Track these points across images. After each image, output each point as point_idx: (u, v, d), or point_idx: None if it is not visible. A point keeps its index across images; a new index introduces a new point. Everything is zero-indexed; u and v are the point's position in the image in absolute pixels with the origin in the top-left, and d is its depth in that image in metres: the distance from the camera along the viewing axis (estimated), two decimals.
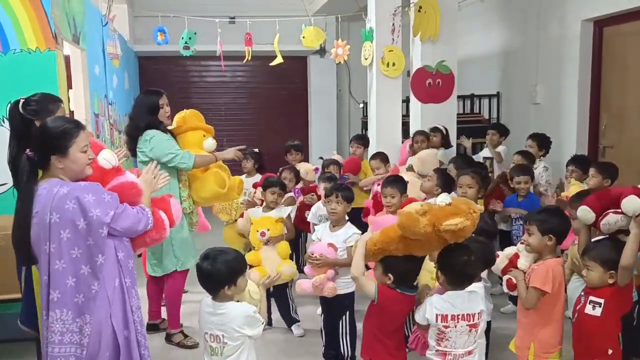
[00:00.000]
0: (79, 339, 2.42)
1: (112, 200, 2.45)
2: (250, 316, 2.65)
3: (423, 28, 6.32)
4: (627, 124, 6.07)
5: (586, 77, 6.46)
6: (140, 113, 4.17)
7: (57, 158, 2.46)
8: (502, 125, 6.67)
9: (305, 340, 4.39)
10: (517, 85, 7.71)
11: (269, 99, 10.33)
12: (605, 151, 6.37)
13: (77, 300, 2.42)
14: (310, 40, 6.94)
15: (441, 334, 2.68)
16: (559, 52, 6.74)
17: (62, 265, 2.39)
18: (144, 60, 9.64)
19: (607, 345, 2.81)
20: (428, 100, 6.50)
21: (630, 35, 5.94)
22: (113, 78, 6.84)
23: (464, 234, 2.61)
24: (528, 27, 7.36)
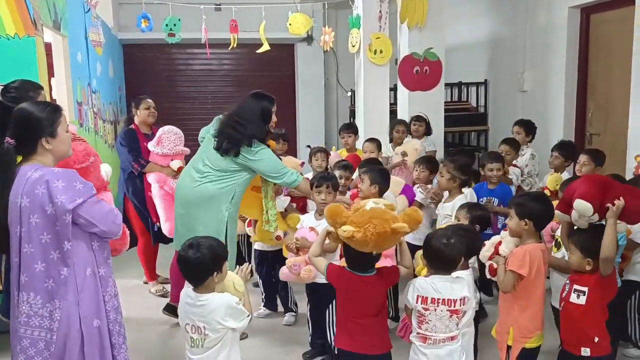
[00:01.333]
0: (49, 323, 2.44)
1: (84, 188, 2.43)
2: (233, 307, 2.62)
3: (410, 15, 6.29)
4: (613, 111, 6.08)
5: (573, 64, 6.47)
6: (253, 118, 3.85)
7: (46, 140, 2.47)
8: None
9: (294, 329, 4.40)
10: (504, 73, 7.71)
11: (255, 87, 9.86)
12: (591, 139, 6.39)
13: (46, 285, 2.43)
14: (296, 27, 6.88)
15: (421, 317, 2.71)
16: (546, 40, 6.73)
17: (30, 249, 2.41)
18: (128, 47, 9.50)
19: (593, 333, 2.82)
20: (415, 88, 6.48)
21: (616, 22, 5.94)
22: (97, 66, 6.74)
23: (357, 244, 2.66)
24: (515, 14, 7.35)
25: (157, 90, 9.21)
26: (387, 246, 2.79)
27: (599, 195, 2.79)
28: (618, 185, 2.90)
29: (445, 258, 2.72)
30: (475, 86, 8.32)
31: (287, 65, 10.30)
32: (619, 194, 2.80)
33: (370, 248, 2.68)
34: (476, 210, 3.55)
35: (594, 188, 2.83)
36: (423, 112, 6.13)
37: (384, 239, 2.66)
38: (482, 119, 8.13)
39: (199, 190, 3.86)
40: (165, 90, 9.71)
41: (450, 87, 8.40)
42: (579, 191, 2.85)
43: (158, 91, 9.21)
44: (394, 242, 2.78)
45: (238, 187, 3.91)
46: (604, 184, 2.85)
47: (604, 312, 2.87)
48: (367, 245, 2.65)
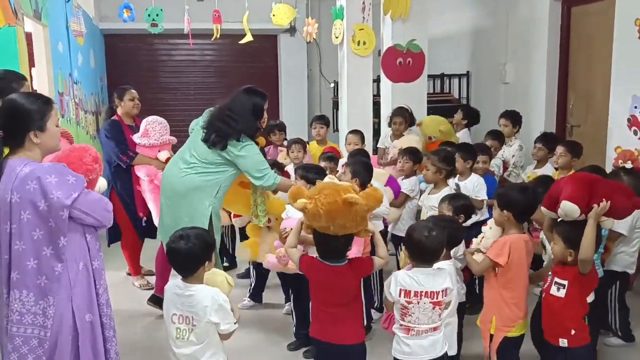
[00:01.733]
0: (42, 320, 2.39)
1: (76, 182, 2.38)
2: (220, 304, 2.59)
3: (394, 6, 6.28)
4: (593, 103, 6.15)
5: (554, 56, 6.53)
6: (246, 114, 3.85)
7: (34, 134, 2.41)
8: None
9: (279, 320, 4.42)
10: (486, 65, 7.76)
11: (238, 78, 10.15)
12: (572, 130, 6.46)
13: (39, 282, 2.38)
14: (280, 18, 6.85)
15: (404, 309, 2.71)
16: (528, 32, 6.79)
17: (22, 246, 2.36)
18: (110, 38, 9.42)
19: (570, 326, 2.87)
20: (399, 80, 6.48)
21: (597, 14, 6.00)
22: (78, 56, 6.67)
23: (311, 217, 2.68)
24: (497, 6, 7.40)
25: (139, 80, 9.12)
26: (341, 220, 2.67)
27: (586, 196, 2.79)
28: (605, 183, 2.90)
29: (426, 250, 2.72)
30: (457, 78, 8.37)
31: (270, 56, 10.29)
32: (605, 193, 2.80)
33: (323, 220, 2.65)
34: (458, 201, 3.57)
35: (581, 189, 2.83)
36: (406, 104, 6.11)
37: (335, 210, 2.63)
38: None
39: (185, 180, 3.85)
40: (147, 81, 9.64)
41: (432, 78, 8.43)
42: (565, 192, 2.86)
43: (140, 82, 9.12)
44: (351, 215, 2.68)
45: (223, 182, 3.91)
46: (591, 184, 2.85)
47: (583, 305, 2.91)
48: (320, 217, 2.63)
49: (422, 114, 6.55)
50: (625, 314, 3.83)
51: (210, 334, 2.62)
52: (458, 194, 3.94)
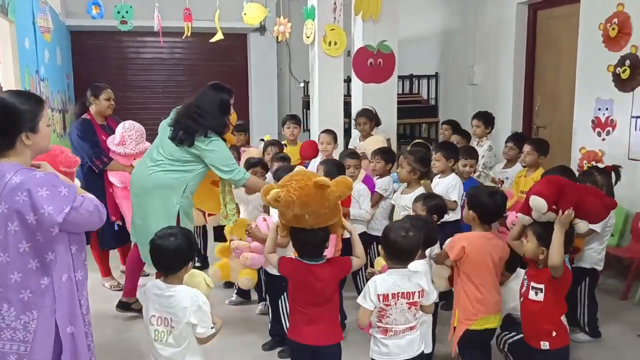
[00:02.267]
0: (23, 335, 2.29)
1: (69, 193, 2.27)
2: (199, 306, 2.56)
3: (365, 7, 6.34)
4: (558, 104, 6.31)
5: (521, 58, 6.68)
6: (213, 110, 3.88)
7: (26, 135, 2.29)
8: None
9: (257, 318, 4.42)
10: (455, 66, 7.87)
11: (208, 77, 9.91)
12: (538, 131, 6.61)
13: (22, 296, 2.27)
14: (251, 17, 6.82)
15: (382, 312, 2.72)
16: (496, 34, 6.92)
17: (6, 258, 2.25)
18: (76, 34, 9.25)
19: (551, 328, 2.92)
20: (369, 80, 6.54)
21: (562, 18, 6.16)
22: (44, 53, 6.54)
23: (284, 205, 2.67)
24: (466, 8, 7.51)
25: (106, 78, 8.88)
26: (314, 205, 2.69)
27: (555, 194, 2.84)
28: (575, 187, 2.95)
29: (403, 250, 2.74)
30: (426, 79, 8.47)
31: (240, 55, 10.24)
32: (576, 196, 2.85)
33: (298, 208, 2.65)
34: (432, 200, 3.62)
35: (551, 188, 2.89)
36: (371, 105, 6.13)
37: (308, 195, 2.65)
38: (433, 111, 8.28)
39: (152, 177, 3.84)
40: (115, 79, 9.44)
41: (401, 79, 8.51)
42: (535, 188, 2.95)
43: (108, 80, 8.85)
44: (322, 200, 2.71)
45: (191, 180, 3.91)
46: (562, 186, 2.90)
47: (562, 305, 2.96)
48: (294, 204, 2.64)
49: (393, 115, 6.63)
50: (594, 310, 3.93)
51: (189, 337, 2.58)
52: (432, 193, 3.97)
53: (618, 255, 4.90)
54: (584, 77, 5.58)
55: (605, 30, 5.27)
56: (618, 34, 5.14)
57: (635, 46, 5.01)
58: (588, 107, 5.54)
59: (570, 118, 5.85)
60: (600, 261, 3.91)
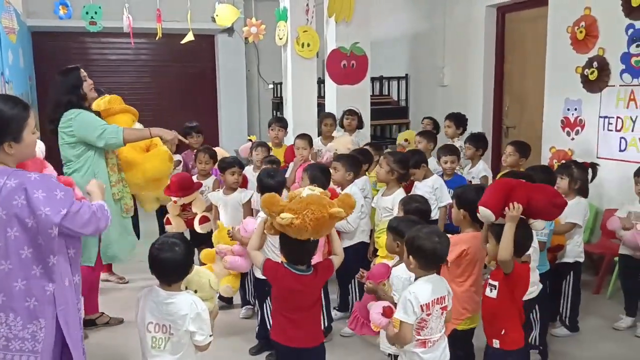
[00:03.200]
0: (32, 345, 2.24)
1: (65, 196, 2.23)
2: (198, 313, 2.51)
3: (337, 9, 6.37)
4: (527, 105, 6.47)
5: (490, 60, 6.81)
6: (63, 92, 3.94)
7: (8, 145, 2.23)
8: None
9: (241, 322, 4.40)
10: (424, 68, 7.97)
11: (175, 79, 10.00)
12: (508, 131, 6.76)
13: (28, 305, 2.22)
14: (223, 18, 6.78)
15: (422, 322, 2.61)
16: (465, 36, 7.04)
17: (8, 266, 2.19)
18: (38, 35, 9.02)
19: (501, 326, 2.91)
20: (343, 82, 6.58)
21: (530, 21, 6.31)
22: (9, 55, 6.35)
23: (296, 231, 2.63)
24: (435, 11, 7.62)
25: None
26: (324, 232, 2.75)
27: (501, 200, 2.84)
28: (524, 187, 2.93)
29: (439, 256, 2.65)
30: (396, 80, 8.56)
31: (208, 57, 10.16)
32: (523, 196, 2.85)
33: (308, 234, 2.66)
34: (411, 204, 3.55)
35: (496, 194, 2.88)
36: (355, 106, 6.20)
37: (322, 224, 2.65)
38: (403, 113, 8.38)
39: None
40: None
41: (372, 81, 8.56)
42: (482, 198, 2.94)
43: None
44: (331, 227, 2.77)
45: (95, 167, 3.97)
46: (508, 188, 2.89)
47: (515, 306, 2.91)
48: (306, 231, 2.63)
49: (367, 116, 6.66)
50: (576, 303, 4.04)
51: (187, 344, 2.54)
52: (412, 196, 3.96)
53: (589, 251, 5.03)
54: (553, 78, 5.74)
55: (573, 33, 5.43)
56: (585, 37, 5.31)
57: (602, 48, 5.17)
58: (557, 108, 5.69)
59: (538, 118, 6.00)
60: (581, 253, 4.03)
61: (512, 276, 2.83)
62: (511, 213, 2.79)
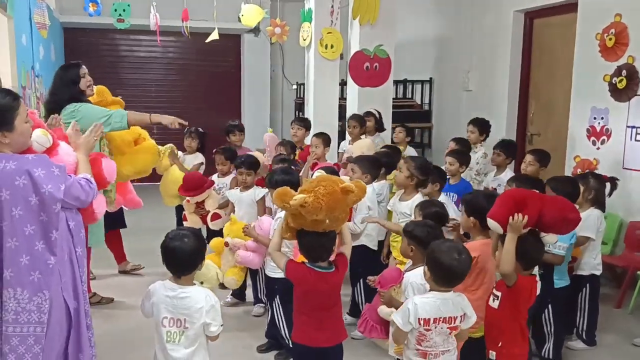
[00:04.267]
0: (38, 317, 2.37)
1: (60, 173, 2.39)
2: (212, 305, 2.56)
3: (362, 11, 6.35)
4: (553, 112, 6.36)
5: (517, 66, 6.72)
6: (61, 86, 4.08)
7: (2, 134, 2.36)
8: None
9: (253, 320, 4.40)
10: (450, 72, 7.90)
11: (201, 77, 10.10)
12: (532, 138, 6.66)
13: (32, 278, 2.36)
14: (248, 18, 6.81)
15: (421, 336, 2.59)
16: (492, 41, 6.96)
17: (14, 243, 2.33)
18: (70, 31, 9.18)
19: (499, 338, 2.85)
20: (365, 84, 6.55)
21: (559, 27, 6.21)
22: (40, 49, 6.49)
23: (311, 211, 2.59)
24: (462, 15, 7.55)
25: (99, 76, 8.75)
26: (338, 210, 2.67)
27: (509, 212, 2.77)
28: (538, 199, 2.87)
29: (456, 275, 2.59)
30: (420, 84, 8.50)
31: (233, 56, 10.22)
32: (537, 208, 2.78)
33: (323, 214, 2.61)
34: (430, 208, 3.50)
35: (505, 206, 2.82)
36: (374, 108, 6.18)
37: (335, 200, 2.62)
38: (427, 117, 8.32)
39: None
40: (107, 77, 9.36)
41: (396, 84, 8.52)
42: (492, 209, 2.88)
43: (100, 77, 8.78)
44: (345, 206, 2.70)
45: None
46: (520, 200, 2.80)
47: (516, 319, 2.85)
48: (320, 209, 2.59)
49: (388, 119, 6.64)
50: (594, 317, 3.95)
51: (200, 336, 2.59)
52: (429, 200, 3.94)
53: (612, 264, 4.93)
54: (580, 85, 5.63)
55: (602, 40, 5.32)
56: (615, 44, 5.19)
57: (632, 56, 5.06)
58: (583, 116, 5.58)
59: (564, 126, 5.89)
60: (598, 265, 3.94)
61: (515, 289, 2.77)
62: (513, 224, 2.74)
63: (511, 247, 2.72)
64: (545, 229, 2.83)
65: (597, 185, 3.93)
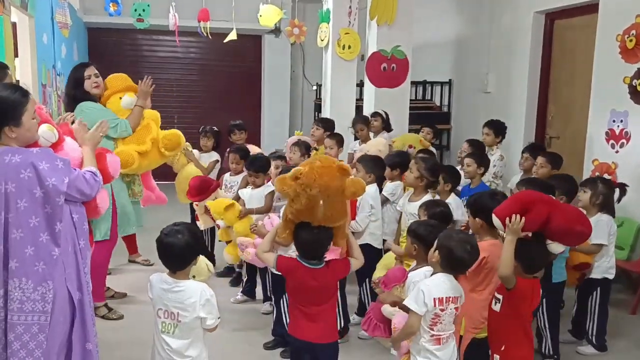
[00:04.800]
0: (42, 306, 2.43)
1: (64, 166, 2.45)
2: (208, 299, 2.60)
3: (380, 12, 6.35)
4: (573, 115, 6.27)
5: (536, 68, 6.64)
6: (69, 87, 4.24)
7: (9, 129, 2.42)
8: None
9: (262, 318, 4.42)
10: (468, 74, 7.85)
11: (221, 77, 10.17)
12: (551, 141, 6.57)
13: (37, 268, 2.41)
14: (267, 18, 6.86)
15: (436, 318, 2.59)
16: (511, 43, 6.89)
17: (19, 234, 2.38)
18: (93, 31, 9.32)
19: (502, 341, 2.84)
20: (382, 85, 6.54)
21: (580, 28, 6.12)
22: (62, 48, 6.60)
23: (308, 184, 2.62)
24: (481, 16, 7.49)
25: None
26: (332, 191, 2.66)
27: (514, 212, 2.74)
28: (546, 203, 2.82)
29: (465, 266, 2.64)
30: (439, 85, 8.46)
31: (254, 56, 10.27)
32: (545, 214, 2.74)
33: (317, 188, 2.62)
34: (435, 208, 3.53)
35: (514, 206, 2.79)
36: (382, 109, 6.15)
37: (330, 177, 2.64)
38: (445, 118, 8.27)
39: None
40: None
41: (415, 85, 8.51)
42: (499, 206, 2.86)
43: None
44: (339, 190, 2.69)
45: None
46: (527, 202, 2.79)
47: (521, 324, 2.84)
48: (314, 184, 2.61)
49: (405, 120, 6.63)
50: (603, 321, 3.89)
51: (195, 329, 2.63)
52: (434, 200, 3.93)
53: (628, 269, 4.85)
54: (599, 88, 5.55)
55: (622, 41, 5.23)
56: (635, 46, 5.10)
57: None
58: (602, 119, 5.49)
59: (584, 129, 5.80)
60: (610, 269, 3.86)
61: (515, 292, 2.75)
62: (510, 225, 2.72)
63: (509, 250, 2.71)
64: (550, 236, 2.81)
65: (606, 190, 3.85)
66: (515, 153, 5.92)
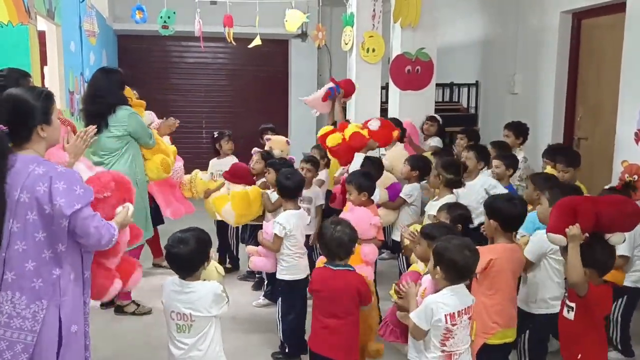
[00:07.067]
0: (31, 325, 2.32)
1: (84, 193, 2.35)
2: (218, 294, 2.69)
3: (404, 14, 6.32)
4: (601, 116, 6.14)
5: (563, 68, 6.52)
6: (112, 90, 4.23)
7: (41, 128, 2.41)
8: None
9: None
10: (495, 75, 7.75)
11: (249, 82, 10.27)
12: (579, 143, 6.45)
13: (34, 285, 2.32)
14: (291, 23, 6.91)
15: (448, 333, 2.57)
16: (538, 43, 6.79)
17: (22, 246, 2.31)
18: (123, 38, 9.51)
19: (578, 350, 2.81)
20: (407, 88, 6.52)
21: (608, 28, 5.99)
22: (90, 56, 6.75)
23: None
24: (507, 17, 7.40)
25: (150, 81, 9.24)
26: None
27: (569, 221, 2.71)
28: (589, 201, 2.82)
29: (469, 269, 2.64)
30: (466, 87, 8.37)
31: (281, 61, 10.35)
32: (593, 210, 2.73)
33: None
34: (456, 210, 3.53)
35: (562, 216, 2.76)
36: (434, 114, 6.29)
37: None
38: (473, 120, 8.17)
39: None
40: (158, 82, 9.73)
41: (441, 87, 8.43)
42: (549, 224, 2.82)
43: (151, 82, 9.25)
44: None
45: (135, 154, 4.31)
46: (572, 207, 2.77)
47: (594, 329, 2.82)
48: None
49: None
50: (626, 326, 3.82)
51: (208, 326, 2.71)
52: (456, 203, 3.90)
53: None
54: (628, 87, 5.42)
55: None
56: None
57: None
58: (631, 119, 5.36)
59: (613, 130, 5.68)
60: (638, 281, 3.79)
61: (588, 298, 2.73)
62: (570, 234, 2.69)
63: (574, 257, 2.68)
64: (607, 229, 2.78)
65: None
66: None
